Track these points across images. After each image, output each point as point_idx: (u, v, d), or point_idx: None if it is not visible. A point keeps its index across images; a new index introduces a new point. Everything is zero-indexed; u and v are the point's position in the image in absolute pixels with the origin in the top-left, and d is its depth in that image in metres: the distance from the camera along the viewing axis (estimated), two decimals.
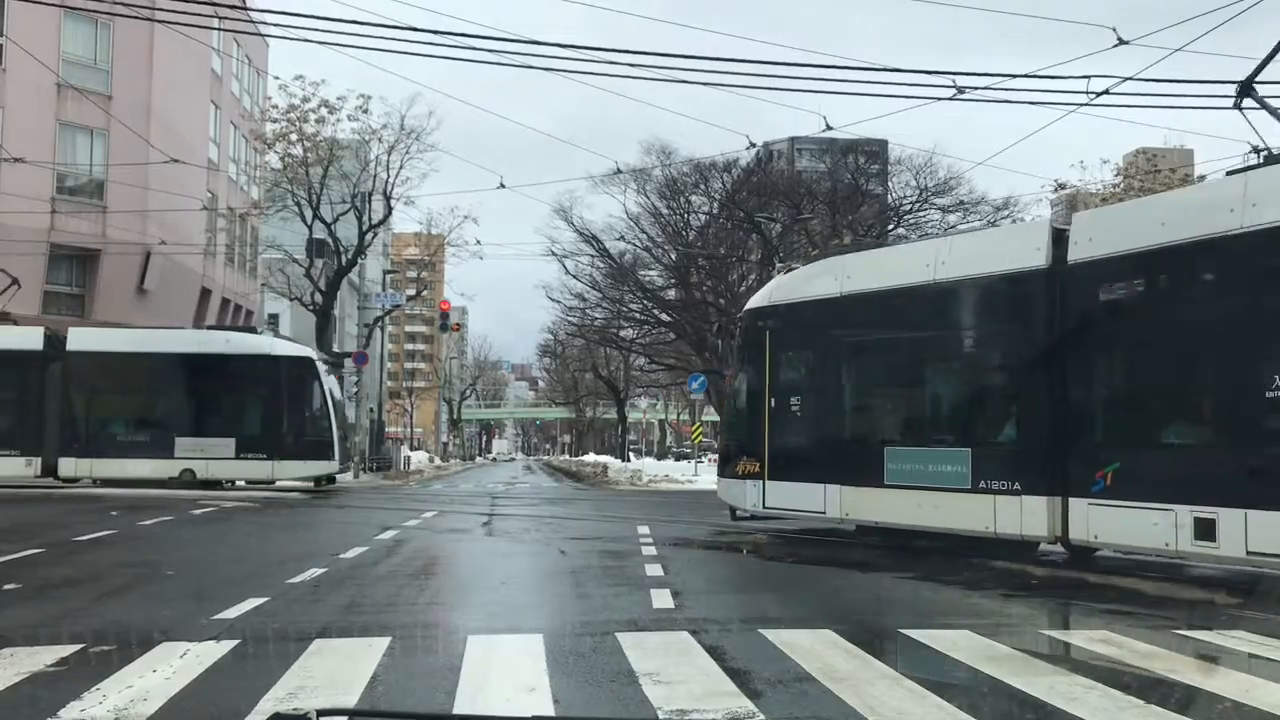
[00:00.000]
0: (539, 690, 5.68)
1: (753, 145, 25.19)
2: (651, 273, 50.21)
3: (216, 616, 7.84)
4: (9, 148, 28.05)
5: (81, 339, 25.23)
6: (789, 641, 6.98)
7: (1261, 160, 11.10)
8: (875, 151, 51.44)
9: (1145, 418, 11.22)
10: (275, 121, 36.33)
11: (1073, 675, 6.21)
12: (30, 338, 24.66)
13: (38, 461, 23.75)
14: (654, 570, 10.94)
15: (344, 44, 13.82)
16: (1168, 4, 16.86)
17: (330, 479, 25.72)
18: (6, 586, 9.53)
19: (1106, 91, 14.66)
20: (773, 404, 15.12)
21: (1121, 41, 14.58)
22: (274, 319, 48.98)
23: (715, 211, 48.38)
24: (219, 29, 31.26)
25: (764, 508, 15.20)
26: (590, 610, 8.77)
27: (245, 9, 29.93)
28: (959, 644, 7.04)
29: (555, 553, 13.16)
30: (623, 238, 47.54)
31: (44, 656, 6.38)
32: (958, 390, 13.59)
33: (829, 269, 15.29)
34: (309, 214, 35.84)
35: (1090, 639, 7.38)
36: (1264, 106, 11.48)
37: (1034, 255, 12.05)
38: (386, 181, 37.20)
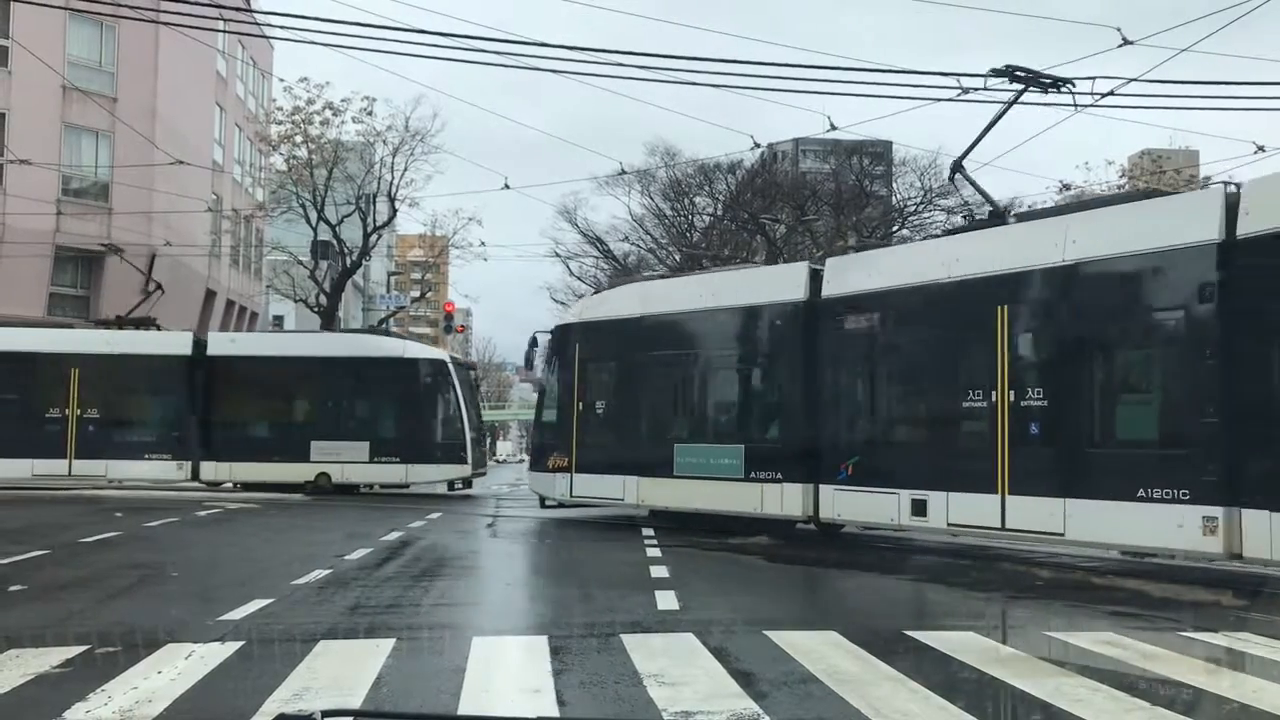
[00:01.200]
0: (543, 691, 5.68)
1: (757, 146, 25.11)
2: (656, 274, 50.21)
3: (221, 618, 7.85)
4: (15, 149, 28.11)
5: (221, 344, 25.24)
6: (793, 643, 6.97)
7: (965, 224, 15.00)
8: (880, 152, 51.38)
9: (876, 423, 14.21)
10: (280, 123, 36.36)
11: (1078, 677, 6.20)
12: (180, 342, 24.61)
13: (188, 465, 23.48)
14: (658, 571, 10.94)
15: (349, 46, 13.83)
16: (1173, 5, 16.84)
17: (466, 482, 24.49)
18: (12, 588, 9.55)
19: (1111, 93, 14.63)
20: (580, 408, 17.54)
21: (1126, 42, 14.56)
22: (279, 320, 49.05)
23: (719, 213, 48.37)
24: (224, 31, 31.31)
25: (571, 496, 17.56)
26: (594, 611, 8.77)
27: (250, 11, 30.02)
28: (963, 645, 7.03)
29: (559, 554, 13.16)
30: (626, 239, 47.57)
31: (50, 658, 6.40)
32: (733, 398, 16.23)
33: (632, 293, 18.27)
34: (314, 216, 35.88)
35: (1095, 640, 7.37)
36: (971, 183, 14.66)
37: (795, 290, 14.91)
38: (391, 183, 37.22)
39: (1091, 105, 14.73)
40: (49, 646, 6.71)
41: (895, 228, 45.49)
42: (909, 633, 7.55)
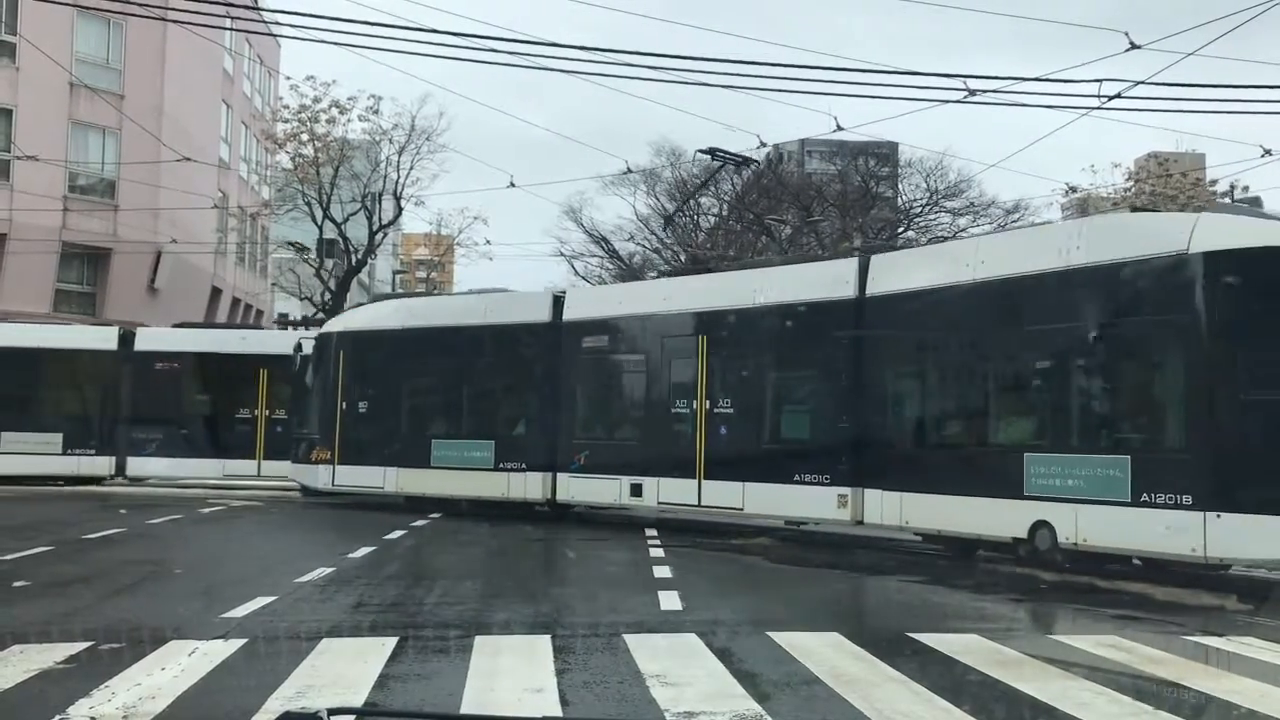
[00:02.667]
0: (546, 691, 5.68)
1: (763, 145, 25.05)
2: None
3: (225, 615, 7.85)
4: (22, 146, 28.16)
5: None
6: (796, 644, 6.97)
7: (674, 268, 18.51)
8: (886, 154, 51.31)
9: (604, 423, 17.38)
10: (286, 121, 36.36)
11: (1082, 680, 6.19)
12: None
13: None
14: (662, 572, 10.93)
15: (355, 45, 13.86)
16: (1180, 8, 16.80)
17: None
18: (16, 584, 9.57)
19: (1119, 95, 14.60)
20: (344, 406, 19.39)
21: (1134, 46, 14.51)
22: (284, 318, 49.10)
23: (725, 213, 48.34)
24: (231, 29, 31.34)
25: (333, 486, 19.42)
26: (597, 611, 8.77)
27: (257, 9, 30.05)
28: (967, 648, 7.02)
29: (563, 553, 13.17)
30: (632, 238, 47.51)
31: (54, 654, 6.41)
32: (485, 401, 18.72)
33: (395, 308, 20.73)
34: (319, 214, 35.91)
35: (1100, 644, 7.36)
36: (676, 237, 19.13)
37: (541, 314, 17.89)
38: (397, 182, 37.22)
39: (1099, 108, 14.72)
40: (53, 642, 6.72)
41: (901, 229, 45.45)
42: (912, 635, 7.54)
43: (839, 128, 19.09)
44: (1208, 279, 10.48)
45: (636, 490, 15.99)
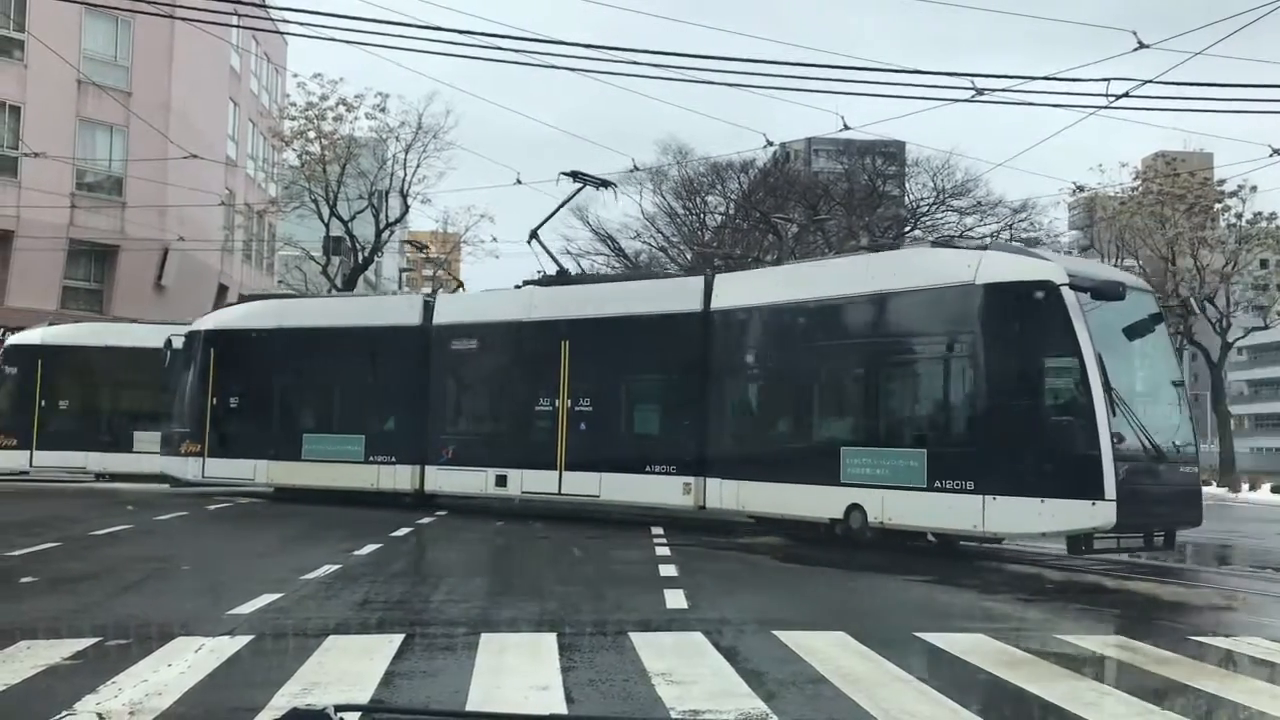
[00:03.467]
0: (552, 688, 5.68)
1: (770, 144, 25.10)
2: (668, 273, 50.17)
3: (231, 612, 7.86)
4: (30, 143, 28.25)
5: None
6: (802, 643, 6.96)
7: (541, 278, 19.37)
8: (893, 153, 51.28)
9: (472, 420, 19.03)
10: (293, 119, 36.41)
11: (1088, 680, 6.18)
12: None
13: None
14: (668, 570, 10.93)
15: (363, 42, 13.83)
16: (1188, 8, 16.76)
17: None
18: (23, 580, 9.60)
19: (1126, 94, 14.56)
20: (214, 401, 20.39)
21: (1142, 45, 14.47)
22: None
23: (731, 212, 48.31)
24: (238, 26, 31.37)
25: (203, 477, 20.43)
26: (604, 609, 8.77)
27: (265, 6, 30.08)
28: (973, 648, 7.01)
29: (570, 552, 13.17)
30: (639, 236, 47.53)
31: (61, 649, 6.42)
32: (357, 398, 19.65)
33: (269, 308, 21.48)
34: (326, 211, 35.94)
35: (1106, 644, 7.34)
36: (546, 251, 20.27)
37: (411, 317, 19.18)
38: (404, 180, 37.26)
39: (1107, 108, 14.68)
40: (60, 638, 6.74)
41: (908, 228, 45.37)
42: (919, 634, 7.53)
43: (846, 127, 19.11)
44: (987, 305, 12.59)
45: (501, 481, 17.57)
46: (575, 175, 19.78)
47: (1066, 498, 11.53)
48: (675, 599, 8.99)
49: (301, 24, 14.51)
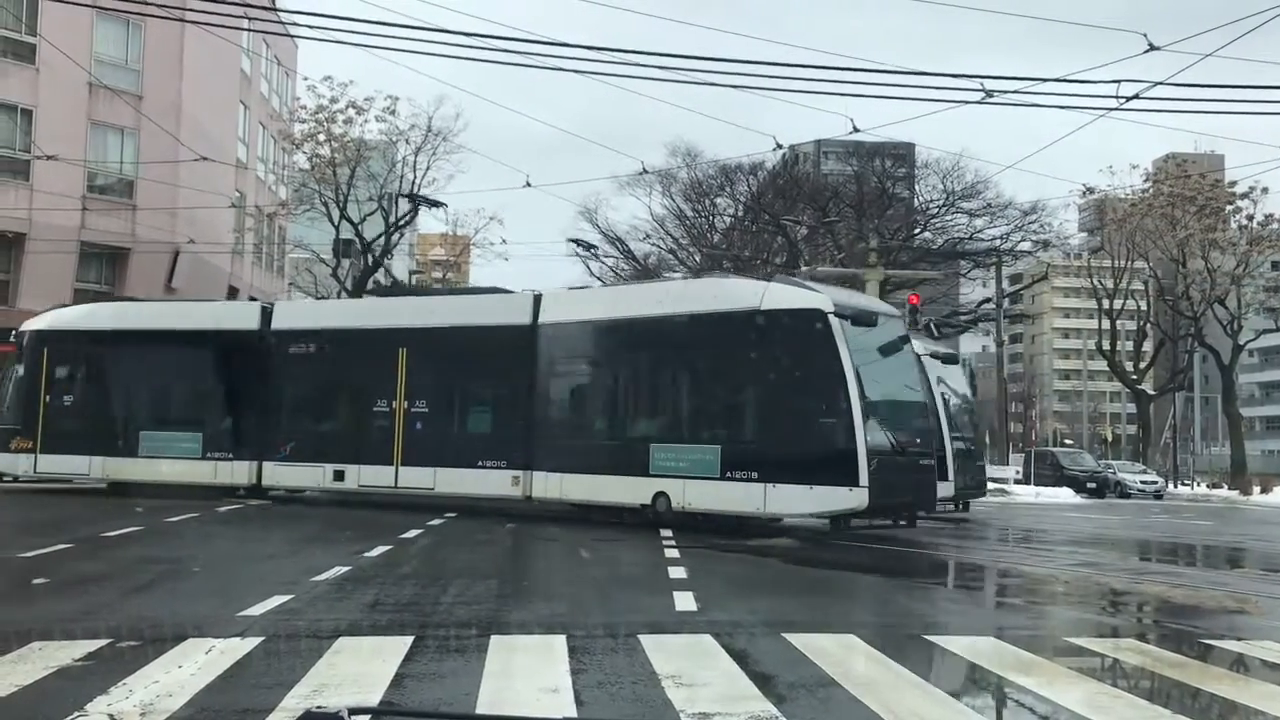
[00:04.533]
0: (561, 691, 5.68)
1: (779, 147, 25.06)
2: (676, 275, 50.16)
3: (242, 613, 7.88)
4: (42, 146, 28.34)
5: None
6: (812, 646, 6.95)
7: (377, 288, 23.71)
8: (902, 155, 51.19)
9: (311, 418, 20.27)
10: (303, 122, 36.51)
11: (1100, 684, 6.15)
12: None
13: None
14: (677, 573, 10.92)
15: (372, 45, 13.88)
16: (1197, 10, 16.69)
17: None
18: (35, 581, 9.63)
19: (1136, 96, 14.52)
20: (47, 399, 21.12)
21: (1152, 47, 14.43)
22: None
23: (740, 214, 48.29)
24: (249, 30, 31.49)
25: (35, 472, 21.07)
26: (613, 612, 8.76)
27: (275, 10, 30.15)
28: (984, 650, 6.99)
29: (578, 554, 13.16)
30: (648, 238, 47.57)
31: (72, 651, 6.44)
32: (195, 397, 20.98)
33: (107, 310, 22.59)
34: (336, 214, 36.02)
35: (1117, 647, 7.31)
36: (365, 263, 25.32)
37: (250, 322, 20.55)
38: (414, 183, 37.32)
39: (1117, 109, 14.63)
40: (72, 640, 6.75)
41: (917, 230, 45.30)
42: (929, 637, 7.51)
43: (855, 129, 19.05)
44: (770, 327, 15.13)
45: (339, 475, 19.07)
46: (412, 197, 22.84)
47: (830, 485, 14.21)
48: (685, 601, 8.98)
49: (311, 27, 14.58)
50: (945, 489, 17.48)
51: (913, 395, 15.99)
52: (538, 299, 18.37)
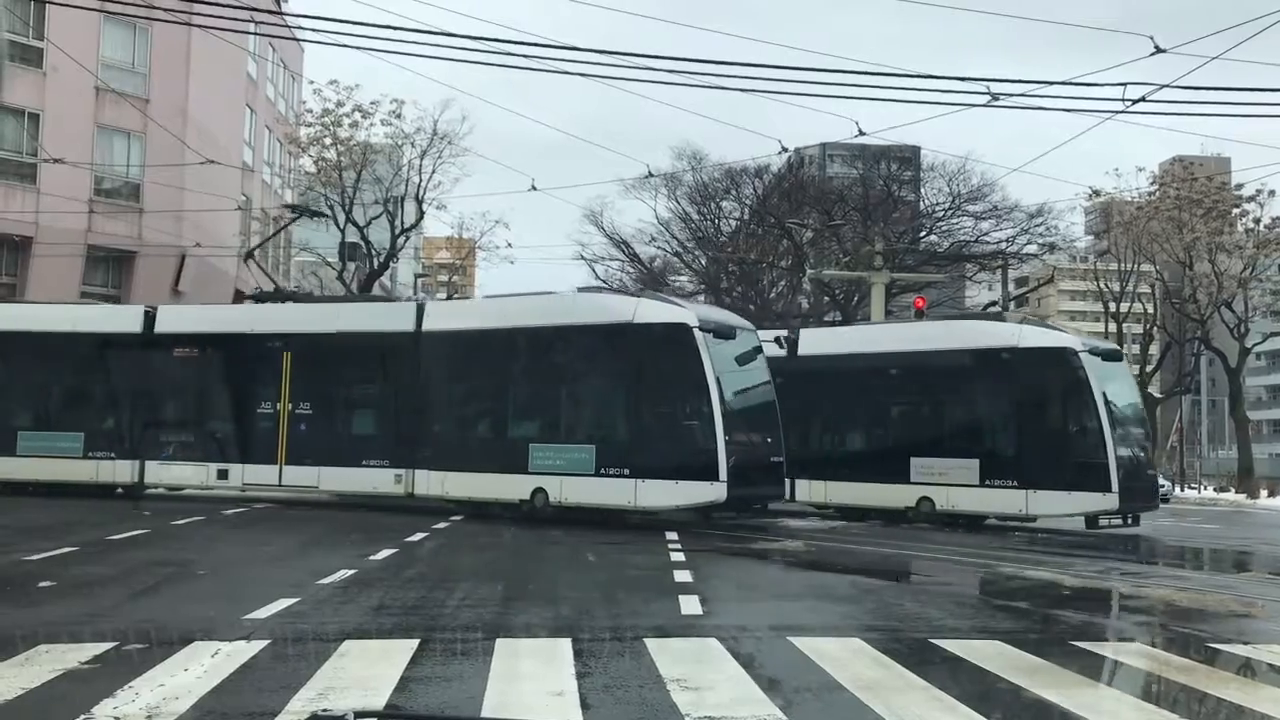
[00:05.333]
0: (566, 694, 5.68)
1: (785, 150, 25.06)
2: (682, 278, 50.19)
3: (247, 616, 7.88)
4: (49, 149, 28.40)
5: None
6: (817, 649, 6.94)
7: (259, 294, 23.25)
8: (908, 158, 51.16)
9: (193, 419, 20.76)
10: (309, 125, 36.58)
11: (1107, 688, 6.14)
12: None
13: None
14: (682, 576, 10.91)
15: (378, 49, 13.90)
16: (1206, 11, 16.66)
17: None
18: (41, 584, 9.64)
19: (1143, 99, 14.52)
20: None
21: (1159, 50, 14.41)
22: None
23: (746, 217, 48.27)
24: (255, 33, 31.54)
25: None
26: (618, 615, 8.75)
27: (281, 14, 30.21)
28: (990, 655, 6.97)
29: (583, 557, 13.15)
30: (653, 241, 47.57)
31: (79, 653, 6.45)
32: (77, 399, 21.66)
33: None
34: (342, 217, 36.07)
35: (1124, 651, 7.29)
36: (262, 270, 22.36)
37: (133, 325, 21.01)
38: (419, 186, 37.37)
39: (1123, 112, 14.62)
40: (78, 642, 6.76)
41: (923, 233, 45.25)
42: (935, 641, 7.49)
43: (861, 132, 19.05)
44: (640, 338, 16.82)
45: (223, 474, 19.78)
46: (293, 208, 23.67)
47: (694, 480, 16.02)
48: (690, 605, 8.97)
49: (316, 30, 14.60)
50: (1108, 501, 17.07)
51: (764, 399, 17.71)
52: (421, 308, 19.95)
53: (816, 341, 21.01)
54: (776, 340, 20.13)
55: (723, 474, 15.74)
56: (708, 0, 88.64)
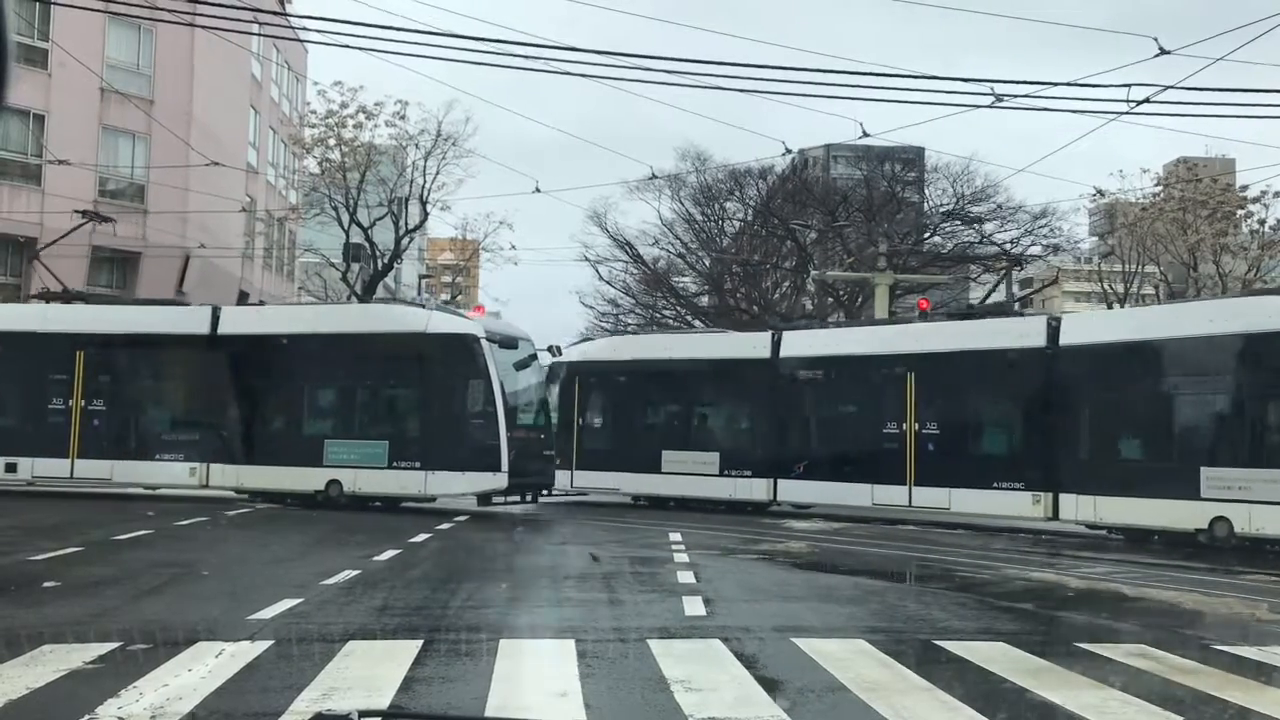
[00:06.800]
0: (570, 695, 5.68)
1: (789, 152, 25.01)
2: (685, 279, 50.12)
3: (251, 616, 7.89)
4: (54, 150, 28.44)
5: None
6: (821, 650, 6.93)
7: (45, 293, 23.35)
8: (912, 159, 51.09)
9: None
10: (314, 126, 36.55)
11: (1112, 690, 6.12)
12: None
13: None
14: (686, 577, 10.91)
15: (382, 50, 13.93)
16: (1211, 12, 16.65)
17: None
18: (46, 584, 9.66)
19: (1147, 100, 14.51)
20: None
21: (1163, 51, 14.39)
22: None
23: (750, 218, 48.23)
24: (259, 35, 31.57)
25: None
26: (622, 616, 8.75)
27: (285, 15, 30.24)
28: (994, 656, 6.97)
29: (587, 558, 13.15)
30: (657, 243, 47.49)
31: (83, 654, 6.46)
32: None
33: None
34: (346, 218, 36.08)
35: (1128, 653, 7.28)
36: (49, 271, 23.19)
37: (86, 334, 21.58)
38: (423, 187, 37.34)
39: (1128, 113, 14.61)
40: (83, 642, 6.77)
41: (927, 234, 45.20)
42: (939, 642, 7.49)
43: (865, 133, 19.03)
44: (433, 347, 18.71)
45: (11, 468, 20.29)
46: (85, 214, 24.68)
47: (479, 471, 17.97)
48: (694, 606, 8.97)
49: (320, 31, 14.63)
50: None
51: (539, 399, 20.40)
52: (216, 312, 20.70)
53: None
54: None
55: (504, 465, 17.83)
56: (708, 2, 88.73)
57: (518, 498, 19.02)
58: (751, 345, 21.59)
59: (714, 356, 21.77)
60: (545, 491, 20.28)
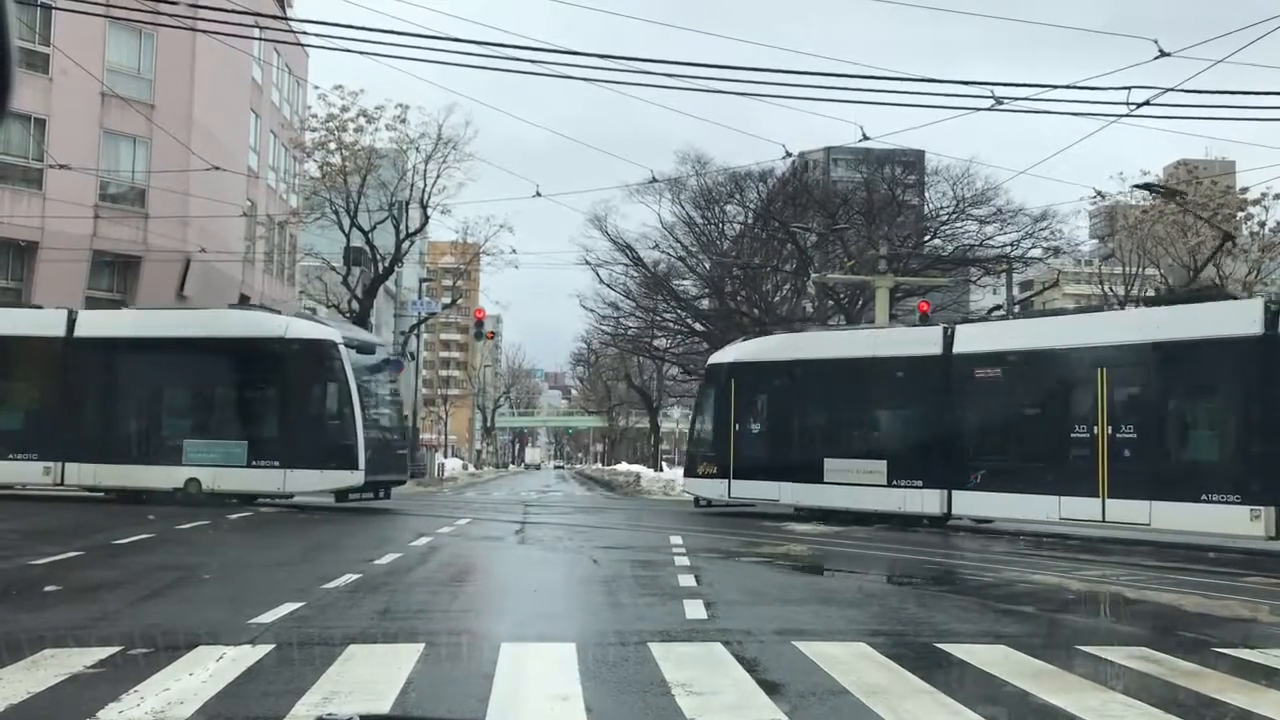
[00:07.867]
0: (571, 699, 5.67)
1: (789, 155, 25.09)
2: (685, 282, 50.14)
3: (253, 620, 7.88)
4: (55, 154, 28.48)
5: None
6: (822, 654, 6.92)
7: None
8: (912, 162, 51.13)
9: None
10: (314, 130, 36.61)
11: (1114, 693, 6.12)
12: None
13: None
14: (687, 580, 10.91)
15: (383, 54, 13.93)
16: (1211, 15, 16.66)
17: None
18: (47, 588, 9.65)
19: (1147, 103, 14.52)
20: None
21: (1163, 53, 14.40)
22: None
23: (750, 221, 48.24)
24: (260, 39, 31.61)
25: None
26: (623, 619, 8.75)
27: (285, 19, 30.25)
28: (996, 660, 6.96)
29: (588, 561, 13.15)
30: (657, 246, 47.50)
31: (83, 658, 6.45)
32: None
33: None
34: (347, 222, 36.10)
35: (1130, 656, 7.27)
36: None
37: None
38: (424, 191, 37.39)
39: (1128, 115, 14.62)
40: (83, 646, 6.76)
41: (927, 237, 45.21)
42: (940, 645, 7.48)
43: (865, 136, 19.05)
44: (292, 352, 19.93)
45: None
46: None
47: (337, 469, 19.18)
48: (695, 609, 8.96)
49: (321, 35, 14.63)
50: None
51: (393, 402, 22.00)
52: (72, 316, 21.53)
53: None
54: None
55: (361, 463, 19.09)
56: (709, 5, 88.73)
57: (373, 494, 20.12)
58: (920, 341, 19.85)
59: (879, 354, 20.01)
60: (399, 484, 21.99)
